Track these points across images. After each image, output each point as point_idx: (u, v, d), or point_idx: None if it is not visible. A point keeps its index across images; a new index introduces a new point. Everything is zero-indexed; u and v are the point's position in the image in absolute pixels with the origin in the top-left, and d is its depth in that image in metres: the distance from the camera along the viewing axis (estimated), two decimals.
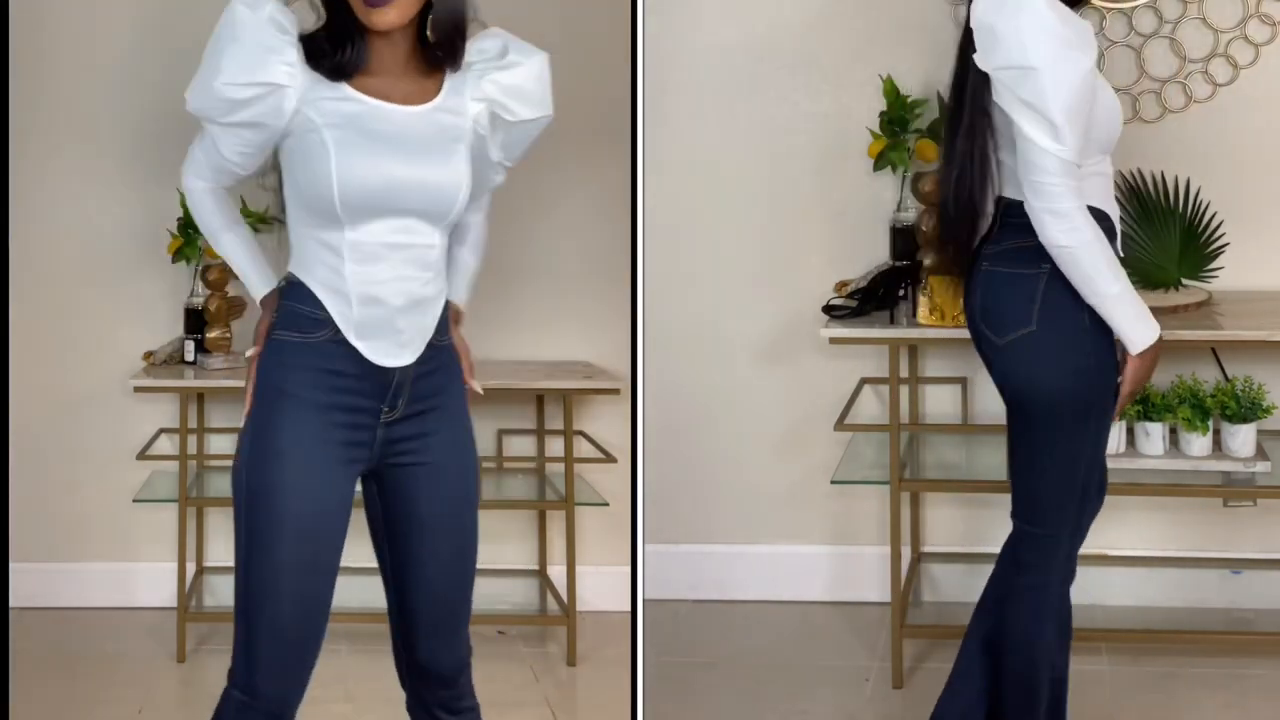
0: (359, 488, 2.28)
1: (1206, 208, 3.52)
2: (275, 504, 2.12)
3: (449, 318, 2.30)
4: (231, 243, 2.32)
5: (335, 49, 2.15)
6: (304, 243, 2.19)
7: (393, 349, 2.19)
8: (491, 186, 2.36)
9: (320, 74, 2.14)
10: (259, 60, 2.09)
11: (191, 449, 3.73)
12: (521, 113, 2.26)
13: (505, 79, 2.24)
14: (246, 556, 2.14)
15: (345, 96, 2.15)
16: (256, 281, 2.31)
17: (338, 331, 2.17)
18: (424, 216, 2.18)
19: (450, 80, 2.23)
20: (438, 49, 2.20)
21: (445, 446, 2.26)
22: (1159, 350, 2.52)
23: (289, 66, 2.11)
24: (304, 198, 2.16)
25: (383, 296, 2.17)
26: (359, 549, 2.31)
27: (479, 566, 4.12)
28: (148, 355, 3.81)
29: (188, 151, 2.28)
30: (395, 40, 2.18)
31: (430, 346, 2.24)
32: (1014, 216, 2.50)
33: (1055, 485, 2.57)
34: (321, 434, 2.15)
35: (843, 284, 3.60)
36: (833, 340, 3.34)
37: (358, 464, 2.21)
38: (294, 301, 2.19)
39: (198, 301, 3.75)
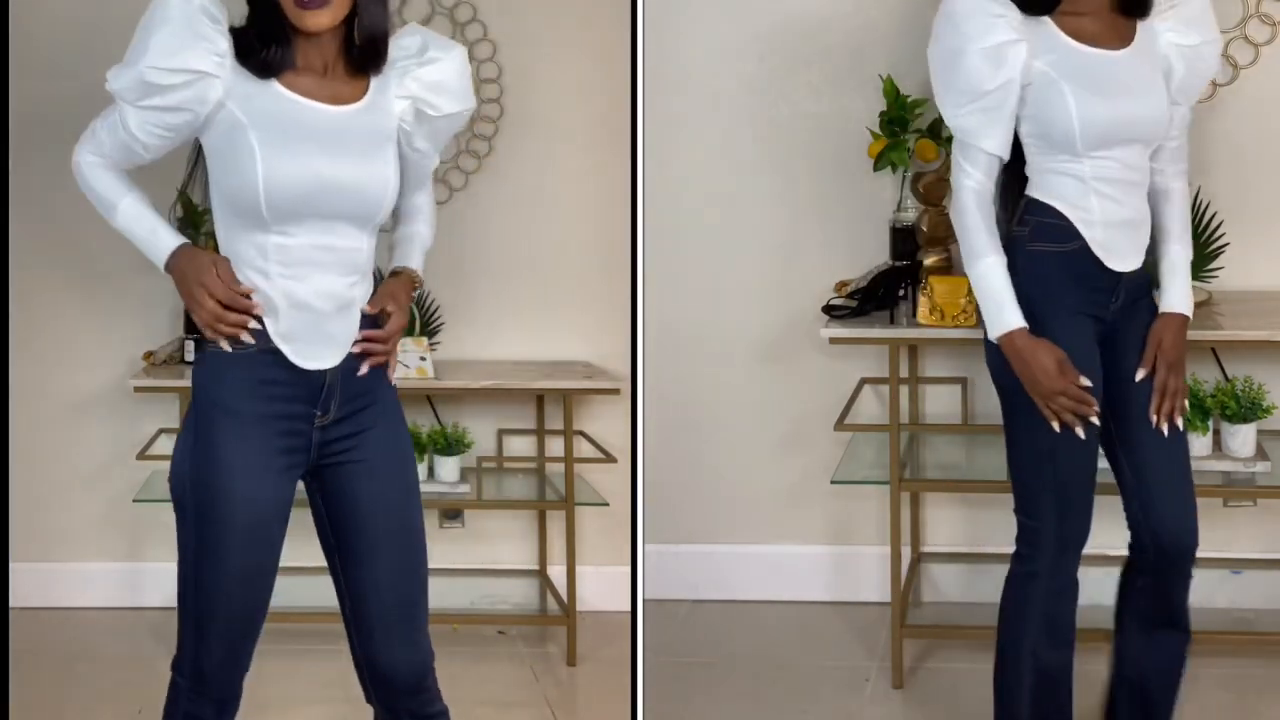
0: (302, 493, 2.30)
1: (1206, 208, 3.52)
2: (223, 515, 2.16)
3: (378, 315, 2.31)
4: (133, 204, 2.27)
5: (263, 47, 2.16)
6: (231, 246, 2.21)
7: (320, 351, 2.21)
8: (425, 174, 2.39)
9: (248, 70, 2.15)
10: (187, 46, 2.10)
11: None
12: (445, 107, 2.29)
13: (427, 75, 2.27)
14: (196, 562, 2.19)
15: (273, 94, 2.16)
16: (166, 235, 2.25)
17: (268, 341, 2.19)
18: (351, 220, 2.19)
19: (375, 81, 2.25)
20: (362, 55, 2.22)
21: (380, 442, 2.27)
22: (1024, 350, 2.52)
23: (218, 56, 2.13)
24: (229, 199, 2.17)
25: (310, 302, 2.19)
26: None
27: (479, 566, 4.15)
28: (148, 355, 3.81)
29: (88, 128, 2.26)
30: (323, 42, 2.19)
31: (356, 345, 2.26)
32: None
33: (1026, 475, 2.65)
34: (260, 444, 2.18)
35: (843, 284, 3.60)
36: (833, 340, 3.34)
37: (296, 469, 2.24)
38: None
39: None
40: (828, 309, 3.46)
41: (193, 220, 3.78)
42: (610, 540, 3.83)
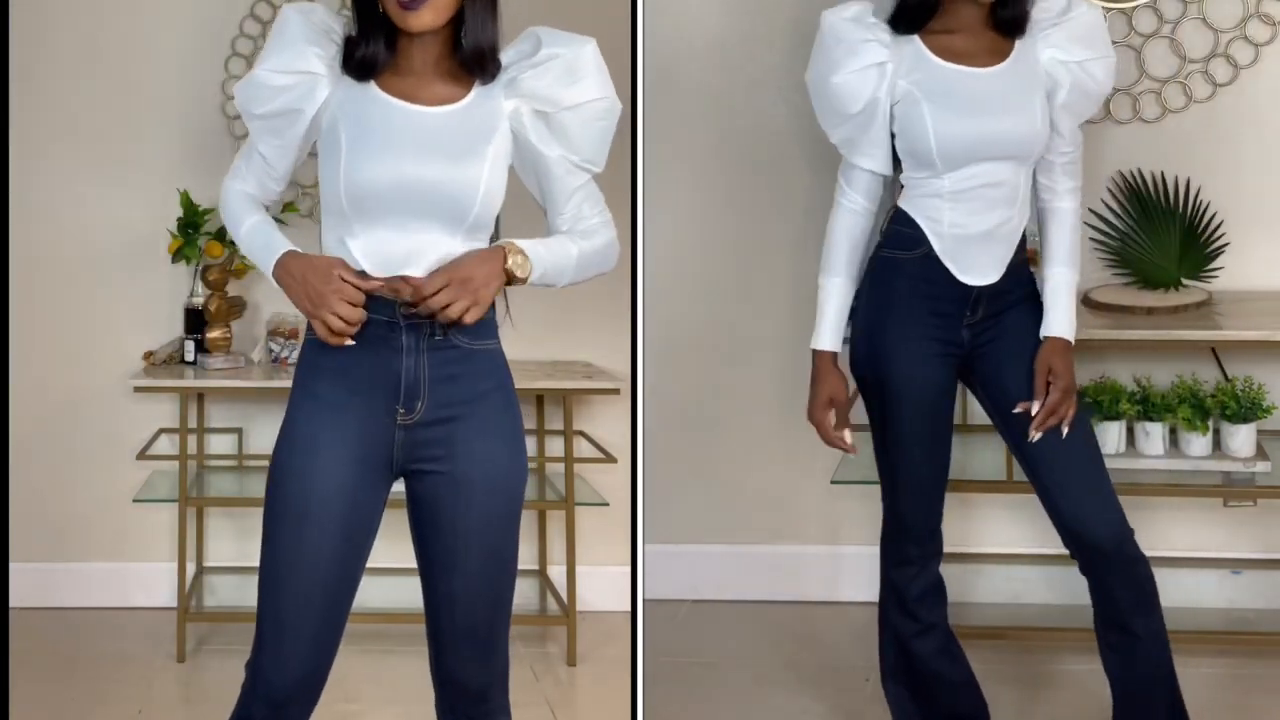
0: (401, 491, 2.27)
1: (1206, 208, 3.52)
2: (277, 490, 2.16)
3: (494, 320, 2.28)
4: (256, 222, 2.25)
5: (361, 47, 2.18)
6: (327, 243, 2.20)
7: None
8: (569, 185, 2.28)
9: (348, 74, 2.19)
10: (299, 53, 2.16)
11: (191, 449, 3.74)
12: (564, 100, 2.23)
13: (539, 73, 2.23)
14: (264, 545, 2.18)
15: (369, 96, 2.18)
16: (279, 242, 2.20)
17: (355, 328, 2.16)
18: (441, 221, 2.16)
19: (483, 85, 2.23)
20: (470, 63, 2.21)
21: (474, 458, 2.21)
22: (820, 373, 2.74)
23: (327, 61, 2.18)
24: (324, 200, 2.19)
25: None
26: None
27: None
28: (148, 355, 3.81)
29: (233, 164, 2.30)
30: (427, 43, 2.19)
31: (455, 349, 2.21)
32: None
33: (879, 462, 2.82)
34: (330, 426, 2.16)
35: None
36: None
37: (375, 462, 2.18)
38: None
39: (198, 301, 3.76)
40: None
41: (192, 220, 3.79)
42: (610, 540, 3.83)
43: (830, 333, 2.71)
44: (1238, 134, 3.56)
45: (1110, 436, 3.34)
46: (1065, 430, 2.63)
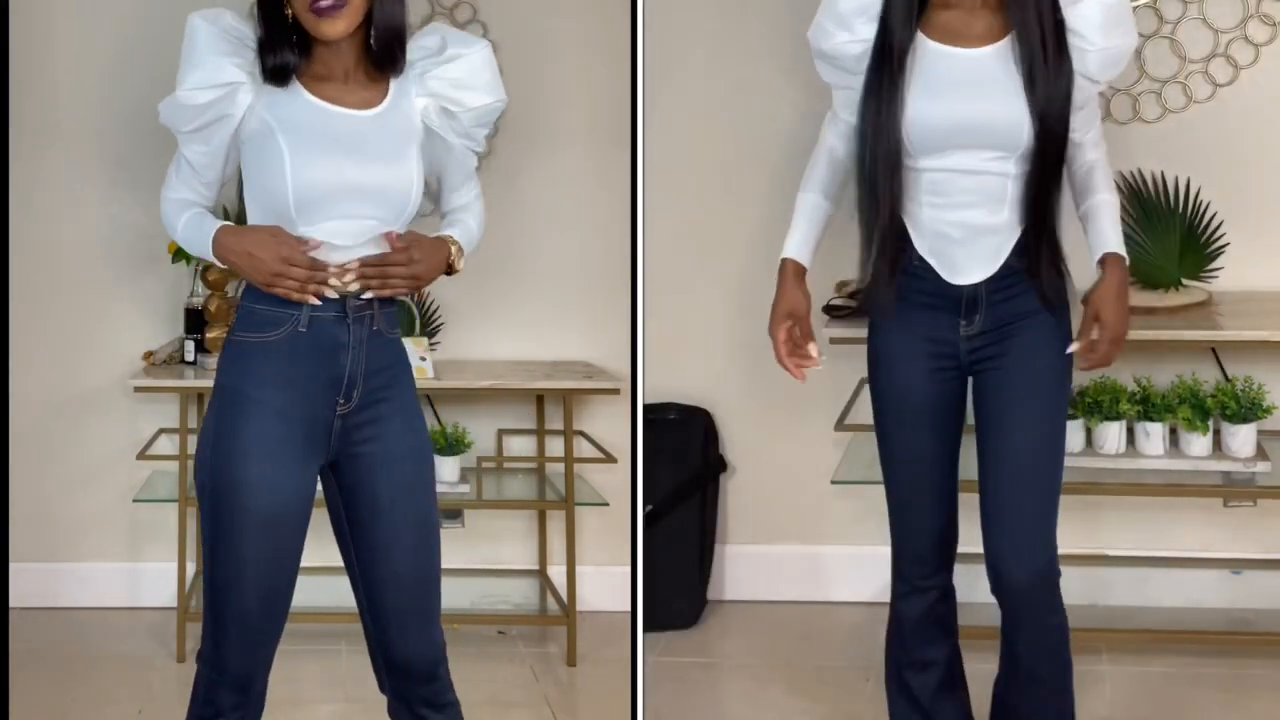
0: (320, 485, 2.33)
1: (1206, 208, 3.52)
2: (239, 502, 2.20)
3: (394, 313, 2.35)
4: (190, 216, 2.32)
5: (274, 53, 2.23)
6: None
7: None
8: (467, 171, 2.42)
9: (267, 82, 2.23)
10: (217, 66, 2.20)
11: (191, 449, 3.73)
12: (469, 102, 2.32)
13: (448, 73, 2.31)
14: (212, 551, 2.24)
15: (300, 100, 2.24)
16: (210, 223, 2.28)
17: (295, 326, 2.22)
18: (379, 220, 2.25)
19: (395, 83, 2.30)
20: (379, 56, 2.27)
21: (399, 435, 2.30)
22: (780, 281, 2.67)
23: (245, 69, 2.22)
24: (260, 200, 2.24)
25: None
26: None
27: (479, 566, 4.14)
28: (148, 355, 3.81)
29: (166, 175, 2.35)
30: (343, 48, 2.26)
31: (382, 338, 2.29)
32: None
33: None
34: (281, 432, 2.22)
35: (843, 284, 3.60)
36: (833, 340, 3.34)
37: (317, 458, 2.27)
38: (251, 302, 2.26)
39: (198, 301, 3.76)
40: (828, 309, 3.46)
41: None
42: (610, 540, 3.83)
43: (796, 242, 2.63)
44: (1238, 134, 3.56)
45: (1110, 436, 3.34)
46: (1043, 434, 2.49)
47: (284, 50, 2.22)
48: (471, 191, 2.46)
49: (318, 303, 2.21)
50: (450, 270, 2.35)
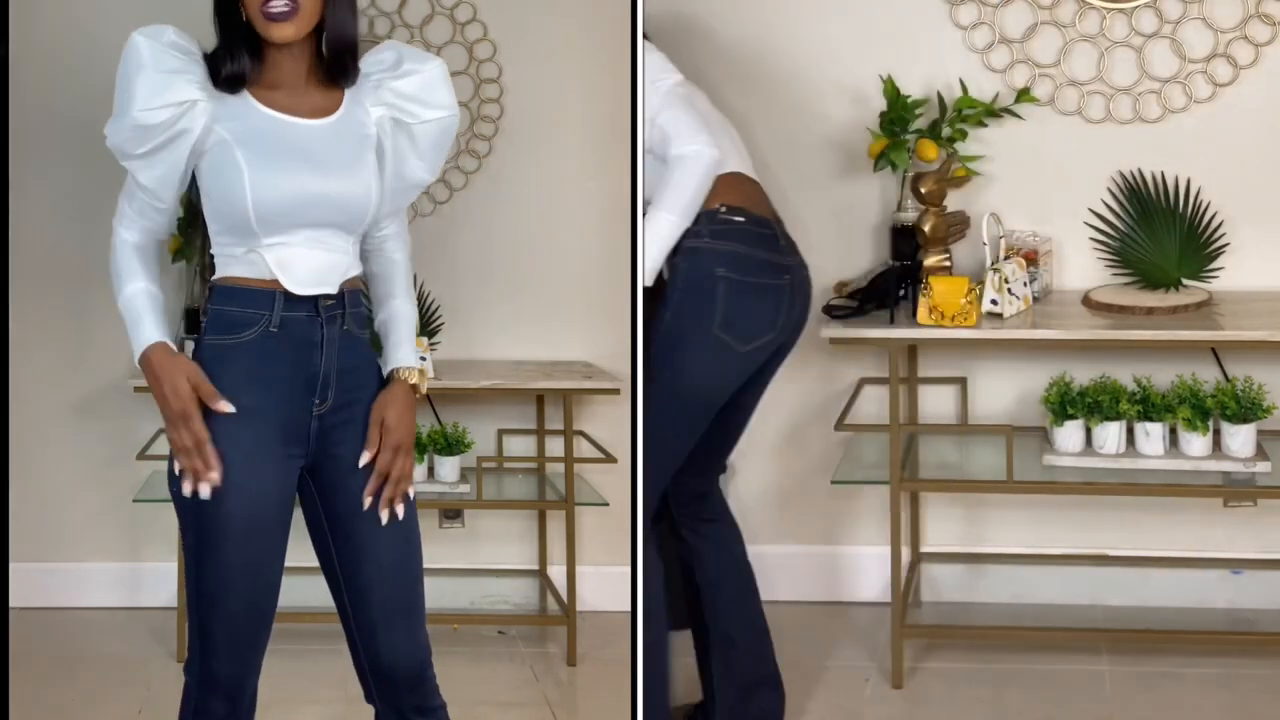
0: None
1: (1206, 208, 3.52)
2: (220, 509, 2.18)
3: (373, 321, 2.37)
4: (136, 292, 2.25)
5: (228, 61, 2.22)
6: (224, 257, 2.24)
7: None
8: (407, 194, 2.37)
9: (221, 89, 2.21)
10: (167, 83, 2.16)
11: None
12: (422, 114, 2.30)
13: (403, 86, 2.30)
14: (197, 558, 2.22)
15: (254, 112, 2.22)
16: (149, 328, 2.21)
17: (267, 326, 2.22)
18: (339, 227, 2.25)
19: (350, 92, 2.29)
20: (331, 65, 2.27)
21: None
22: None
23: (197, 84, 2.19)
24: (220, 215, 2.22)
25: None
26: None
27: (479, 566, 4.14)
28: None
29: (117, 206, 2.29)
30: (295, 55, 2.25)
31: (352, 338, 2.28)
32: None
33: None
34: (258, 435, 2.21)
35: (843, 284, 3.60)
36: (833, 340, 3.34)
37: (296, 459, 2.26)
38: (221, 304, 2.24)
39: (198, 301, 3.76)
40: (828, 309, 3.46)
41: (192, 220, 3.78)
42: (610, 540, 3.83)
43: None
44: (1238, 134, 3.56)
45: (1110, 436, 3.34)
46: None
47: (240, 57, 2.21)
48: (400, 221, 2.42)
49: (186, 491, 2.16)
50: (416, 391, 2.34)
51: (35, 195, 3.84)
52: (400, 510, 2.29)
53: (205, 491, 2.16)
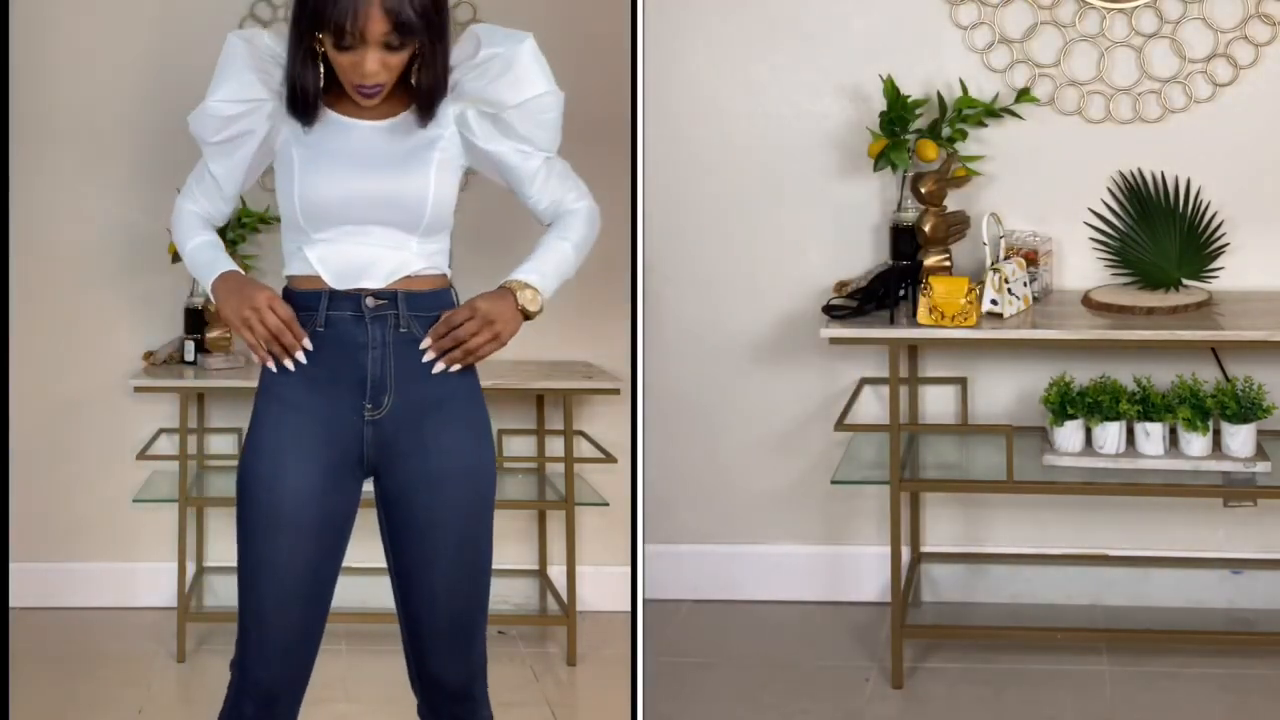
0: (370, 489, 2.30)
1: (1206, 208, 3.52)
2: (251, 497, 2.21)
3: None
4: (203, 242, 2.35)
5: (297, 105, 2.24)
6: (287, 255, 2.29)
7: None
8: (529, 172, 2.37)
9: (292, 115, 2.26)
10: (246, 82, 2.27)
11: (191, 449, 3.73)
12: (506, 99, 2.29)
13: (480, 74, 2.28)
14: (240, 550, 2.23)
15: (320, 114, 2.26)
16: (226, 261, 2.31)
17: (314, 325, 2.23)
18: (393, 224, 2.24)
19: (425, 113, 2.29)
20: (420, 106, 2.26)
21: (444, 450, 2.24)
22: None
23: (273, 86, 2.27)
24: (281, 212, 2.29)
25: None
26: (357, 549, 2.31)
27: None
28: (148, 355, 3.81)
29: (186, 182, 2.38)
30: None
31: (411, 341, 2.25)
32: None
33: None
34: (295, 431, 2.21)
35: (843, 284, 3.60)
36: (833, 340, 3.34)
37: (345, 463, 2.23)
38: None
39: (198, 301, 3.76)
40: (828, 309, 3.46)
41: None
42: (610, 540, 3.83)
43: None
44: (1238, 134, 3.56)
45: (1110, 436, 3.34)
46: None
47: (311, 102, 2.23)
48: (556, 194, 2.41)
49: (273, 368, 2.23)
50: (526, 316, 2.31)
51: (36, 195, 3.84)
52: (456, 367, 2.24)
53: (301, 356, 2.21)
